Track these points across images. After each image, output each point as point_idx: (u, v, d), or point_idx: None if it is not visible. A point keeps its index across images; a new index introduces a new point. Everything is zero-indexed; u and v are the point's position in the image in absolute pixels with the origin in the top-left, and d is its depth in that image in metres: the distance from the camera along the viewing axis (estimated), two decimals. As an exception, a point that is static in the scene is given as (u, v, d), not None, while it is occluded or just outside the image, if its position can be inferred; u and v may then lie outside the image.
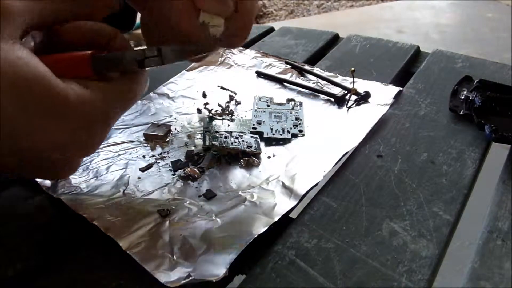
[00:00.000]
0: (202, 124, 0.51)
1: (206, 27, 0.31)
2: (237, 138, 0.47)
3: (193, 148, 0.47)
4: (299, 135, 0.49)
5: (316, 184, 0.41)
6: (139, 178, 0.43)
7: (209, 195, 0.40)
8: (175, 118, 0.53)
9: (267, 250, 0.36)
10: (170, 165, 0.45)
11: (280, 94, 0.57)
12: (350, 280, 0.33)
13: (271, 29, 0.78)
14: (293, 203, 0.39)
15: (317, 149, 0.46)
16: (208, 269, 0.33)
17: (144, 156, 0.46)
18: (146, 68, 0.31)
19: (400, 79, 0.60)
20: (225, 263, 0.33)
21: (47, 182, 0.41)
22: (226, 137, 0.47)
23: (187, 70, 0.63)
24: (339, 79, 0.58)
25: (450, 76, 0.58)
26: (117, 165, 0.44)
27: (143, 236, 0.36)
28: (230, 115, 0.53)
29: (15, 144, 0.23)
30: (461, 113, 0.50)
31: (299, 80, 0.59)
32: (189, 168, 0.44)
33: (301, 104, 0.54)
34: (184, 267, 0.33)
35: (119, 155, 0.46)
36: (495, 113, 0.48)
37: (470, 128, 0.48)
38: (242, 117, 0.53)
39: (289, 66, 0.62)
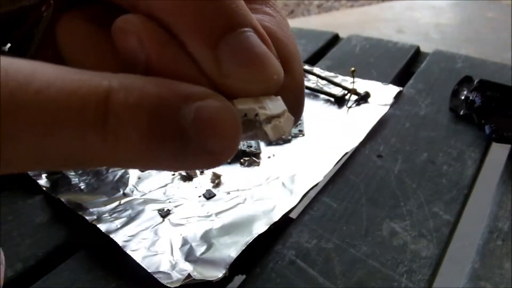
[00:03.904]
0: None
1: (254, 123, 0.14)
2: (237, 138, 0.47)
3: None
4: (299, 135, 0.49)
5: (316, 184, 0.41)
6: (139, 178, 0.43)
7: (209, 195, 0.40)
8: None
9: (267, 250, 0.36)
10: (170, 165, 0.45)
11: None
12: (350, 280, 0.33)
13: (271, 29, 0.78)
14: (293, 203, 0.38)
15: (317, 149, 0.46)
16: (208, 269, 0.33)
17: (144, 156, 0.46)
18: None
19: (400, 79, 0.60)
20: (225, 263, 0.33)
21: (47, 182, 0.41)
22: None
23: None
24: (339, 79, 0.58)
25: (450, 76, 0.58)
26: (117, 165, 0.44)
27: (143, 236, 0.36)
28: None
29: None
30: (461, 113, 0.50)
31: (299, 80, 0.59)
32: (189, 168, 0.44)
33: (301, 104, 0.54)
34: (184, 267, 0.33)
35: (119, 155, 0.46)
36: (495, 113, 0.48)
37: (470, 128, 0.48)
38: (242, 117, 0.52)
39: (289, 66, 0.62)
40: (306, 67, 0.61)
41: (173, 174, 0.43)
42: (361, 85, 0.56)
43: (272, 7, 0.16)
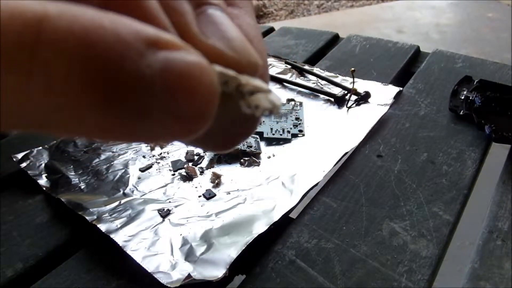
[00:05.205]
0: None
1: (232, 98, 0.12)
2: (237, 138, 0.47)
3: (193, 148, 0.47)
4: (299, 135, 0.49)
5: (316, 184, 0.41)
6: (139, 178, 0.43)
7: (209, 195, 0.40)
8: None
9: (267, 250, 0.36)
10: (170, 165, 0.45)
11: (280, 94, 0.57)
12: (350, 280, 0.33)
13: (271, 29, 0.78)
14: (293, 203, 0.38)
15: (317, 149, 0.46)
16: (208, 269, 0.33)
17: (144, 156, 0.46)
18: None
19: (400, 79, 0.60)
20: (225, 263, 0.33)
21: (47, 182, 0.41)
22: (226, 137, 0.47)
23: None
24: (339, 79, 0.58)
25: (450, 76, 0.58)
26: (117, 165, 0.45)
27: (143, 236, 0.36)
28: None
29: None
30: (461, 113, 0.50)
31: (299, 80, 0.59)
32: (189, 168, 0.44)
33: (301, 104, 0.54)
34: (184, 267, 0.33)
35: (119, 155, 0.46)
36: (495, 113, 0.48)
37: (470, 128, 0.48)
38: (242, 117, 0.52)
39: (289, 66, 0.62)
40: (306, 67, 0.61)
41: (173, 174, 0.43)
42: (361, 85, 0.56)
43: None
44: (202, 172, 0.44)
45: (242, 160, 0.45)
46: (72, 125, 0.10)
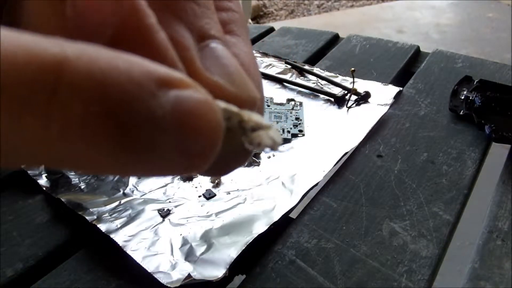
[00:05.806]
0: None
1: (234, 133, 0.12)
2: (237, 138, 0.47)
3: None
4: (299, 135, 0.49)
5: (316, 184, 0.41)
6: (139, 178, 0.43)
7: (209, 195, 0.40)
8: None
9: (267, 250, 0.36)
10: (170, 165, 0.45)
11: (280, 94, 0.57)
12: (350, 280, 0.33)
13: (271, 29, 0.78)
14: (293, 203, 0.38)
15: (317, 149, 0.46)
16: (208, 269, 0.33)
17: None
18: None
19: (400, 79, 0.60)
20: (225, 263, 0.33)
21: (47, 182, 0.41)
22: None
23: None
24: (339, 79, 0.58)
25: (450, 76, 0.58)
26: (117, 165, 0.44)
27: (143, 236, 0.36)
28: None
29: None
30: (461, 113, 0.50)
31: (299, 80, 0.59)
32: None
33: (301, 104, 0.54)
34: (184, 267, 0.33)
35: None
36: (495, 113, 0.48)
37: (470, 128, 0.48)
38: (242, 117, 0.52)
39: (289, 66, 0.62)
40: (306, 67, 0.61)
41: (173, 174, 0.43)
42: (361, 85, 0.56)
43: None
44: (202, 172, 0.44)
45: (242, 160, 0.45)
46: (83, 163, 0.10)
